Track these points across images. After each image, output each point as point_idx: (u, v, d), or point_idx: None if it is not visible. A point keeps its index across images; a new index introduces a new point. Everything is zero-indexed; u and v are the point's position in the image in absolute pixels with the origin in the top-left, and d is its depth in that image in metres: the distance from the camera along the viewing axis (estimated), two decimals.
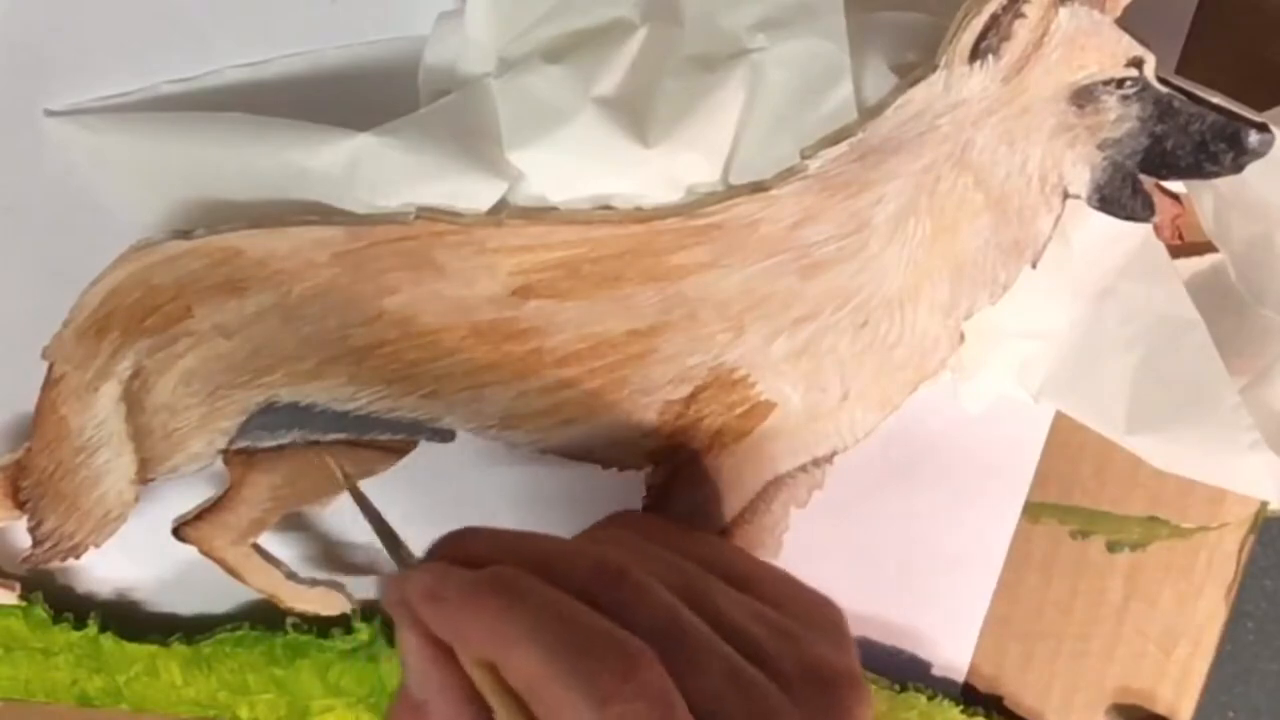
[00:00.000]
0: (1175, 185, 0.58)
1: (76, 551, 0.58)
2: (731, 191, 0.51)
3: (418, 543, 0.64)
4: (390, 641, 0.63)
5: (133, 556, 0.61)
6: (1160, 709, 0.68)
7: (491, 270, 0.52)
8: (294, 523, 0.63)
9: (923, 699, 0.66)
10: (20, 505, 0.57)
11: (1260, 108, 0.51)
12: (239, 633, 0.63)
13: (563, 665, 0.39)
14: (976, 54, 0.48)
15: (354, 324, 0.53)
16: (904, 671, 0.67)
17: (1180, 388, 0.56)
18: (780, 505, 0.58)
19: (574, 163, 0.51)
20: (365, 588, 0.65)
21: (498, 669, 0.40)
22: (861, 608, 0.67)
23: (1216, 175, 0.50)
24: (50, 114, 0.55)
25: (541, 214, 0.52)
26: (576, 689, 0.38)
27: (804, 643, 0.44)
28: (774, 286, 0.52)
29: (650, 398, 0.55)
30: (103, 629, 0.63)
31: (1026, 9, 0.47)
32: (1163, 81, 0.50)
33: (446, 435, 0.57)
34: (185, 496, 0.60)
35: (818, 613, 0.47)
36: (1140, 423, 0.57)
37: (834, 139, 0.50)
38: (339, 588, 0.63)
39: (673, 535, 0.49)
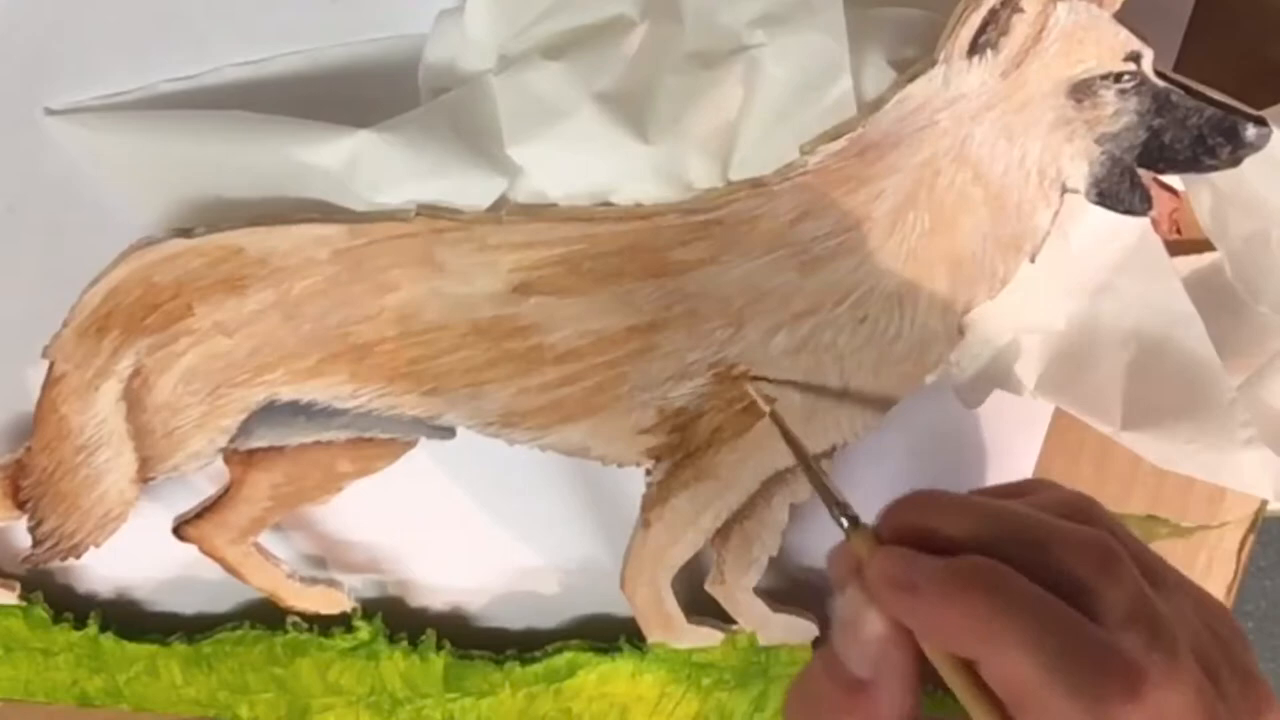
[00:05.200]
0: (1173, 179, 0.58)
1: (77, 551, 0.58)
2: (731, 187, 0.51)
3: (424, 536, 0.65)
4: (391, 640, 0.63)
5: (133, 556, 0.61)
6: None
7: (492, 267, 0.52)
8: (294, 522, 0.63)
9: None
10: (20, 505, 0.57)
11: (1258, 105, 0.51)
12: (239, 632, 0.63)
13: (1062, 675, 0.35)
14: (975, 49, 0.48)
15: (354, 321, 0.53)
16: None
17: (1176, 384, 0.56)
18: (780, 502, 0.58)
19: (574, 159, 0.52)
20: (365, 587, 0.65)
21: (973, 667, 0.37)
22: None
23: (1214, 169, 0.50)
24: (50, 113, 0.55)
25: (542, 210, 0.52)
26: (1078, 702, 0.35)
27: (1231, 649, 0.40)
28: (774, 282, 0.52)
29: (650, 394, 0.55)
30: (103, 629, 0.63)
31: (1025, 4, 0.47)
32: (1160, 76, 0.50)
33: (447, 432, 0.57)
34: (185, 496, 0.60)
35: (1227, 617, 0.42)
36: (1136, 418, 0.57)
37: (833, 134, 0.50)
38: (339, 586, 0.63)
39: (1102, 519, 0.42)
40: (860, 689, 0.39)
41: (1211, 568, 0.67)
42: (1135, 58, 0.49)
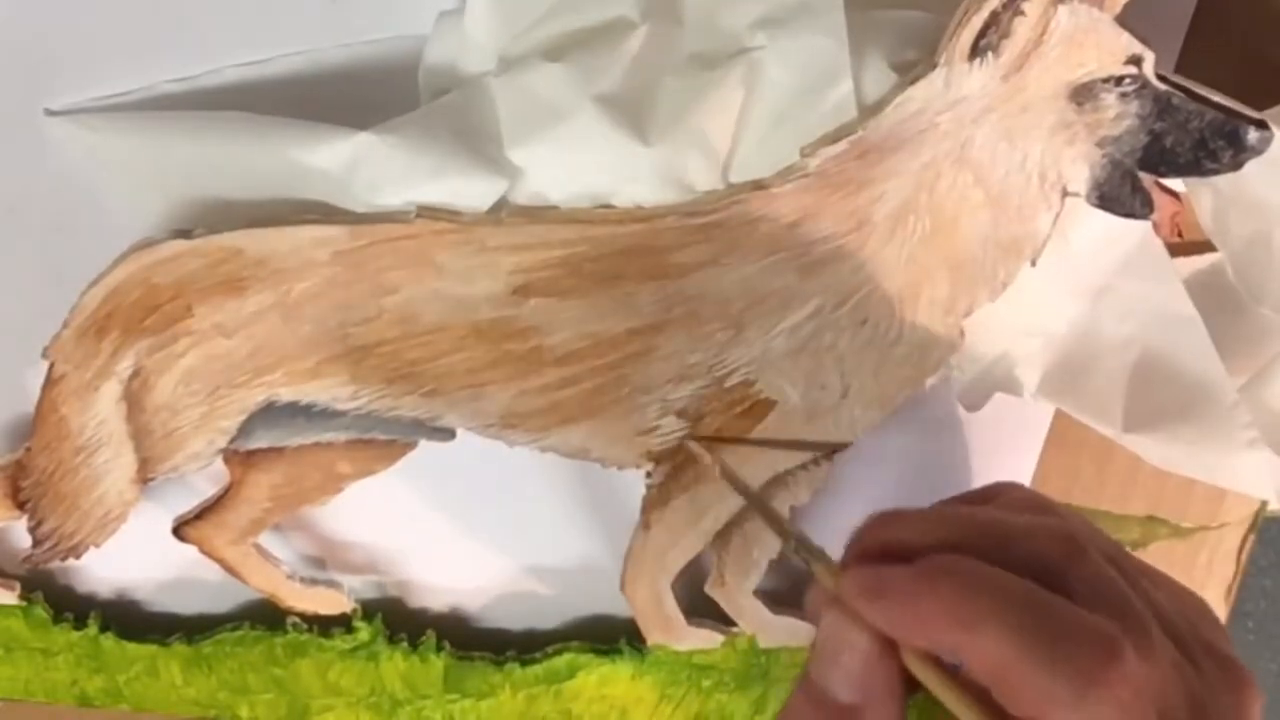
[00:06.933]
0: (1174, 182, 0.58)
1: (76, 551, 0.58)
2: (732, 190, 0.51)
3: (424, 537, 0.65)
4: (391, 641, 0.63)
5: (133, 556, 0.61)
6: None
7: (492, 269, 0.52)
8: (294, 523, 0.63)
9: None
10: (20, 505, 0.57)
11: (1260, 107, 0.51)
12: (239, 632, 0.63)
13: (1038, 651, 0.36)
14: (976, 51, 0.48)
15: (354, 323, 0.53)
16: None
17: (1178, 386, 0.56)
18: (780, 504, 0.58)
19: (574, 161, 0.51)
20: (365, 587, 0.65)
21: (942, 661, 0.38)
22: None
23: (1216, 173, 0.50)
24: (50, 114, 0.55)
25: (542, 213, 0.52)
26: (1055, 675, 0.35)
27: (1200, 630, 0.40)
28: (774, 284, 0.52)
29: (650, 396, 0.55)
30: (103, 629, 0.63)
31: (1026, 7, 0.47)
32: (1162, 79, 0.50)
33: (446, 434, 0.57)
34: (185, 496, 0.60)
35: (1196, 600, 0.42)
36: (1138, 421, 0.57)
37: (834, 137, 0.50)
38: (339, 587, 0.63)
39: (1062, 513, 0.43)
40: (849, 715, 0.39)
41: (1211, 568, 0.67)
42: (1136, 61, 0.49)
